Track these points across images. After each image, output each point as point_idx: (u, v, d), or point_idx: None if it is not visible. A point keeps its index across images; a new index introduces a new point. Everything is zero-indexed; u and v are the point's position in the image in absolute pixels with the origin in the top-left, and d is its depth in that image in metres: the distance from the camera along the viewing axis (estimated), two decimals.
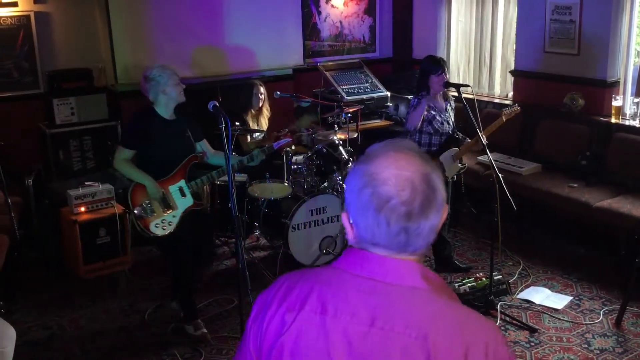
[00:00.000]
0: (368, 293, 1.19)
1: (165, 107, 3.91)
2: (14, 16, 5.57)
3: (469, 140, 4.60)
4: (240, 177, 4.98)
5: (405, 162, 1.20)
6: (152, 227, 3.84)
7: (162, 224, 3.86)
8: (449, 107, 4.71)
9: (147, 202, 3.84)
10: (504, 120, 4.51)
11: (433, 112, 4.57)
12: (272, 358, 1.22)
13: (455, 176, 4.73)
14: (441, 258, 4.89)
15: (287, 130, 5.08)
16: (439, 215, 1.22)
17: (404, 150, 1.24)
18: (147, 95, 3.91)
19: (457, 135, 4.73)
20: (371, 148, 1.27)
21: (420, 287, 1.20)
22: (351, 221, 1.25)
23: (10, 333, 3.22)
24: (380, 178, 1.19)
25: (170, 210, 3.88)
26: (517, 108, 4.62)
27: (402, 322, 1.15)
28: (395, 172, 1.19)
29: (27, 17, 5.61)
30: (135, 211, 3.84)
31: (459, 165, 4.68)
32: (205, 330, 4.04)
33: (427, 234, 1.21)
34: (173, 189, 3.89)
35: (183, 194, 3.91)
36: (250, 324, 1.30)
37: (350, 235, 1.26)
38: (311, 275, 1.28)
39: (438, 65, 4.53)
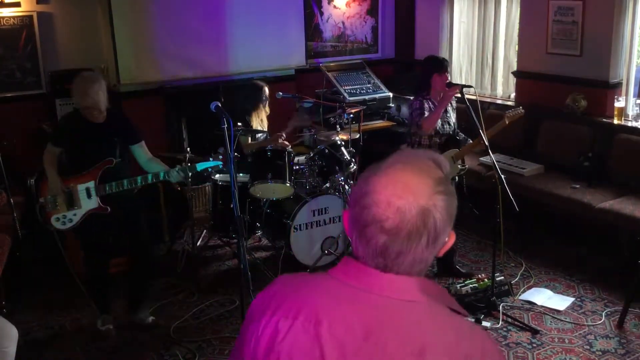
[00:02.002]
0: (363, 306, 1.16)
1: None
2: (17, 16, 5.58)
3: (471, 142, 4.60)
4: (243, 178, 4.97)
5: (404, 188, 1.14)
6: (52, 220, 3.93)
7: (63, 219, 3.93)
8: (449, 108, 4.71)
9: (52, 195, 3.90)
10: (507, 123, 4.46)
11: None
12: None
13: (457, 177, 4.73)
14: (443, 261, 4.87)
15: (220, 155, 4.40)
16: (430, 251, 1.17)
17: (415, 169, 1.17)
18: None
19: (459, 136, 4.72)
20: (392, 156, 1.22)
21: (418, 300, 1.17)
22: None
23: (12, 332, 3.22)
24: (373, 198, 1.15)
25: (74, 208, 3.92)
26: (521, 111, 4.54)
27: (397, 337, 1.12)
28: (389, 197, 1.14)
29: (30, 17, 5.62)
30: (40, 201, 3.93)
31: (459, 166, 4.67)
32: (111, 327, 4.15)
33: (409, 264, 1.17)
34: (81, 187, 3.90)
35: (89, 195, 3.91)
36: (245, 326, 1.28)
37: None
38: (307, 283, 1.25)
39: (441, 64, 4.53)
